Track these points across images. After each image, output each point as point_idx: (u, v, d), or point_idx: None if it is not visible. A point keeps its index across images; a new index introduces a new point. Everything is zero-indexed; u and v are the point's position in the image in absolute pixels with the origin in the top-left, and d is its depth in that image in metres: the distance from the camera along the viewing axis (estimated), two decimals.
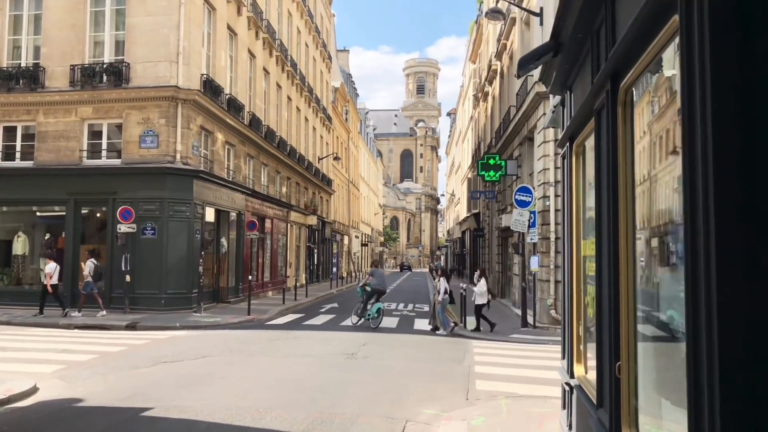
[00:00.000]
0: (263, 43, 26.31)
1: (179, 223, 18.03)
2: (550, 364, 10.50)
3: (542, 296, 16.75)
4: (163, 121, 18.02)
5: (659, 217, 3.43)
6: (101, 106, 18.28)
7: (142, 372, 9.48)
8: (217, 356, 11.04)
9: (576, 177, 6.12)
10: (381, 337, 13.76)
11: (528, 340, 14.43)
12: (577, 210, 6.10)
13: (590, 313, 5.54)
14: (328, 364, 10.37)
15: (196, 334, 14.12)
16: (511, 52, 23.03)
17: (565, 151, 6.45)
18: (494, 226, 27.72)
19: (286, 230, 30.68)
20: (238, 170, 23.15)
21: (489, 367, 10.22)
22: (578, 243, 6.08)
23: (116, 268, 17.58)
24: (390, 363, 10.57)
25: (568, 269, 6.21)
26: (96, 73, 18.27)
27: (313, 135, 38.70)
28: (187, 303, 17.97)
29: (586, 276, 5.97)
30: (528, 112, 18.31)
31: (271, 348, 11.97)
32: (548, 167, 16.35)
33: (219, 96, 20.48)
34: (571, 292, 6.18)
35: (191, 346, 12.15)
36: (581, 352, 5.95)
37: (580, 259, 6.07)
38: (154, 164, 17.83)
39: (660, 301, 3.58)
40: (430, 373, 9.76)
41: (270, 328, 15.65)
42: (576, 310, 6.07)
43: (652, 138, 3.53)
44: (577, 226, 6.10)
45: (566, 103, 6.52)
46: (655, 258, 3.57)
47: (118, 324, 15.76)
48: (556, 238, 16.12)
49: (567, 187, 6.23)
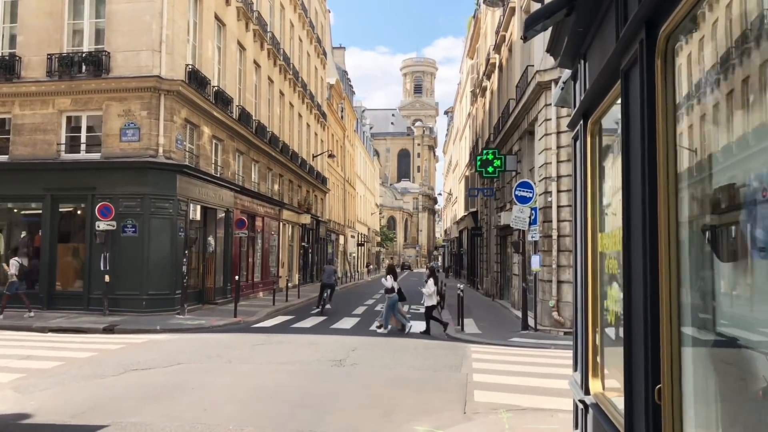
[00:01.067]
0: (254, 35, 25.42)
1: (162, 220, 17.13)
2: (554, 372, 9.66)
3: (544, 297, 15.90)
4: (145, 113, 17.12)
5: (725, 195, 2.58)
6: (80, 98, 17.37)
7: (107, 381, 8.60)
8: (193, 363, 10.16)
9: (591, 160, 5.27)
10: (373, 342, 12.89)
11: (529, 344, 13.58)
12: (592, 199, 5.24)
13: (610, 319, 4.68)
14: (312, 372, 9.50)
15: (176, 338, 13.24)
16: (510, 43, 22.19)
17: (577, 131, 5.60)
18: (493, 225, 26.89)
19: (278, 229, 29.78)
20: (227, 166, 22.26)
21: (488, 375, 9.36)
22: (594, 237, 5.22)
23: (95, 268, 16.68)
24: (381, 371, 9.71)
25: (581, 267, 5.35)
26: (74, 62, 17.36)
27: (307, 132, 37.81)
28: (170, 304, 17.07)
29: (603, 275, 5.12)
30: (528, 103, 17.47)
31: (254, 354, 11.09)
32: (550, 161, 15.50)
33: (205, 88, 19.58)
34: (585, 293, 5.32)
35: (167, 351, 11.28)
36: (598, 364, 5.10)
37: (596, 256, 5.21)
38: (135, 158, 16.93)
39: (721, 306, 2.74)
40: (424, 383, 8.90)
41: (256, 332, 14.78)
42: (591, 314, 5.21)
43: (714, 93, 2.68)
44: (592, 218, 5.24)
45: (579, 75, 5.65)
46: (715, 250, 2.72)
47: (95, 327, 14.90)
48: (558, 236, 15.28)
49: (581, 171, 5.37)
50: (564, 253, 15.20)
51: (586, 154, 5.32)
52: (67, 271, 17.73)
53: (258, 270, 26.35)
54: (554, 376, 9.27)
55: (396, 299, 15.26)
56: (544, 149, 15.87)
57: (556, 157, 15.40)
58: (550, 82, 15.48)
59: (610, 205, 4.88)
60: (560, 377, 9.22)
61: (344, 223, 54.54)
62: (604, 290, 5.04)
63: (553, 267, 15.29)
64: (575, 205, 5.81)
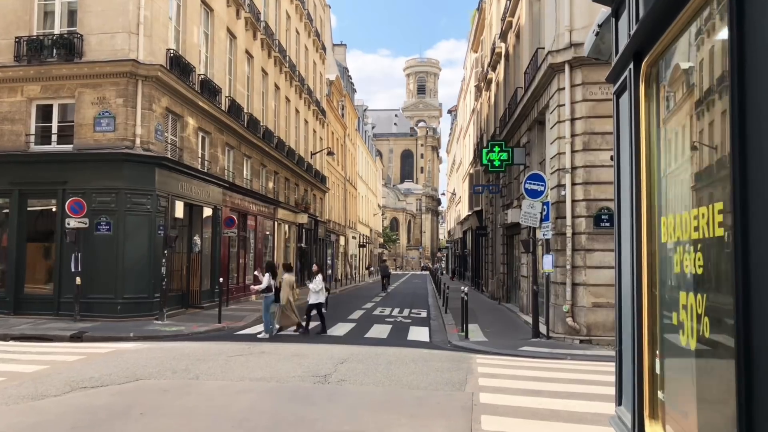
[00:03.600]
0: (245, 24, 24.03)
1: (138, 217, 15.73)
2: (577, 390, 8.20)
3: (556, 302, 14.42)
4: (121, 101, 15.73)
5: None
6: (50, 84, 16.00)
7: (42, 404, 7.18)
8: (153, 379, 8.74)
9: (647, 116, 3.81)
10: (366, 352, 11.44)
11: (542, 354, 12.11)
12: (649, 170, 3.79)
13: (683, 339, 3.25)
14: (290, 391, 8.05)
15: (146, 348, 11.81)
16: (517, 29, 20.74)
17: (623, 81, 4.14)
18: (499, 223, 25.40)
19: (272, 229, 28.36)
20: (215, 161, 20.85)
21: (498, 395, 7.90)
22: (650, 223, 3.76)
23: (66, 270, 15.29)
24: (371, 389, 8.26)
25: (633, 265, 3.89)
26: (45, 46, 15.99)
27: (305, 128, 36.41)
28: (148, 309, 15.66)
29: (668, 275, 3.66)
30: (539, 89, 16.00)
31: (227, 367, 9.66)
32: (564, 151, 14.03)
33: (189, 75, 18.19)
34: (637, 302, 3.86)
35: (129, 364, 9.85)
36: (659, 402, 3.64)
37: (653, 249, 3.75)
38: (109, 150, 15.54)
39: None
40: (421, 405, 7.45)
41: (238, 339, 13.36)
42: (648, 331, 3.74)
43: None
44: (648, 196, 3.78)
45: (627, 4, 4.18)
46: None
47: (62, 334, 13.55)
48: (573, 234, 13.80)
49: (632, 134, 3.91)
50: (579, 253, 13.73)
51: (638, 108, 3.85)
52: (37, 273, 16.35)
53: (251, 272, 24.89)
54: (578, 396, 7.81)
55: (272, 300, 13.93)
56: (557, 138, 14.40)
57: (570, 147, 13.92)
58: (563, 64, 14.03)
59: (679, 177, 3.42)
60: (586, 397, 7.76)
61: (345, 224, 53.10)
62: (668, 297, 3.59)
63: (567, 268, 13.81)
64: (618, 181, 4.35)
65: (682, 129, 3.32)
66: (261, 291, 14.20)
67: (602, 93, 13.75)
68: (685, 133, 3.25)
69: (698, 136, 3.03)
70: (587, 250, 13.66)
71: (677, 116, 3.45)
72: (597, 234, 13.60)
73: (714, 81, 3.00)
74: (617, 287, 4.37)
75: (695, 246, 2.92)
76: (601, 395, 7.90)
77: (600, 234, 13.58)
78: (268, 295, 13.89)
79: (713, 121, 2.96)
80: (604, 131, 13.68)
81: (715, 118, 3.21)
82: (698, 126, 3.03)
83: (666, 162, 3.62)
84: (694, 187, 3.11)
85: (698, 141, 3.10)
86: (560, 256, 14.11)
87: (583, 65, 13.83)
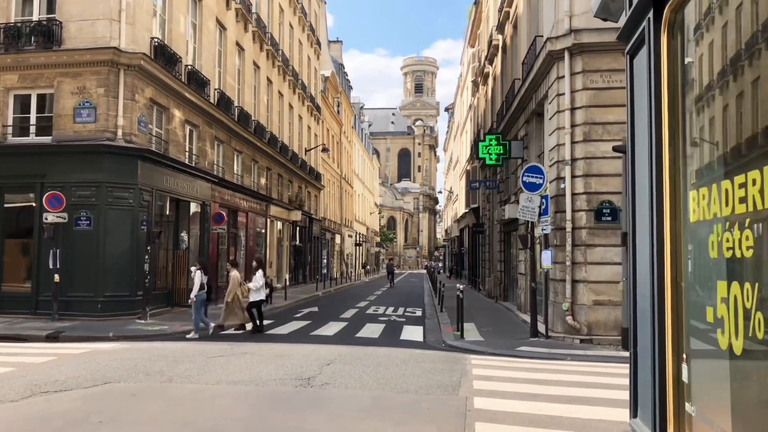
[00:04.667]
0: (236, 15, 23.38)
1: (120, 211, 15.08)
2: (580, 394, 7.59)
3: (556, 299, 13.82)
4: (102, 91, 15.08)
5: None
6: (29, 73, 15.35)
7: None
8: (123, 382, 8.10)
9: (670, 73, 3.19)
10: (354, 353, 10.81)
11: (541, 354, 11.51)
12: (671, 135, 3.17)
13: (722, 340, 2.65)
14: (268, 396, 7.43)
15: (123, 348, 11.18)
16: (515, 19, 20.13)
17: (639, 36, 3.53)
18: (496, 220, 24.81)
19: (264, 226, 27.71)
20: (203, 155, 20.20)
21: (494, 400, 7.28)
22: (674, 200, 3.15)
23: (44, 267, 14.64)
24: (356, 393, 7.63)
25: (653, 252, 3.27)
26: (22, 33, 15.34)
27: (300, 124, 35.76)
28: (130, 307, 15.03)
29: (699, 264, 3.05)
30: (537, 79, 15.39)
31: (204, 369, 9.03)
32: (563, 142, 13.42)
33: (175, 66, 17.54)
34: (658, 296, 3.24)
35: (101, 366, 9.22)
36: (687, 415, 3.03)
37: (678, 231, 3.14)
38: (90, 141, 14.90)
39: None
40: (411, 411, 6.83)
41: (221, 339, 12.73)
42: (672, 333, 3.13)
43: None
44: (672, 168, 3.17)
45: None
46: None
47: (38, 334, 12.95)
48: (573, 228, 13.19)
49: (654, 94, 3.28)
50: (579, 248, 13.12)
51: (659, 65, 3.24)
52: (15, 270, 15.69)
53: (241, 269, 24.20)
54: (580, 401, 7.20)
55: (204, 298, 13.24)
56: (556, 129, 13.79)
57: (570, 138, 13.32)
58: (563, 51, 13.42)
59: (715, 139, 2.81)
60: (589, 402, 7.15)
61: (341, 222, 52.47)
62: (700, 288, 2.97)
63: (567, 264, 13.21)
64: (632, 154, 3.73)
65: (722, 81, 2.70)
66: (198, 290, 13.19)
67: (603, 81, 13.15)
68: (728, 86, 2.63)
69: (750, 88, 2.41)
70: (588, 245, 13.05)
71: (714, 67, 2.82)
72: (598, 229, 13.00)
73: (762, 21, 2.38)
74: (631, 279, 3.75)
75: (741, 222, 2.30)
76: (605, 399, 7.30)
77: (601, 229, 12.98)
78: (200, 293, 13.13)
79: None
80: (606, 121, 13.08)
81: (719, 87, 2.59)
82: (750, 73, 2.41)
83: (698, 123, 3.00)
84: (737, 150, 2.49)
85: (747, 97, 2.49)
86: (559, 251, 13.52)
87: (584, 52, 13.23)
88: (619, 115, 13.04)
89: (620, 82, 13.10)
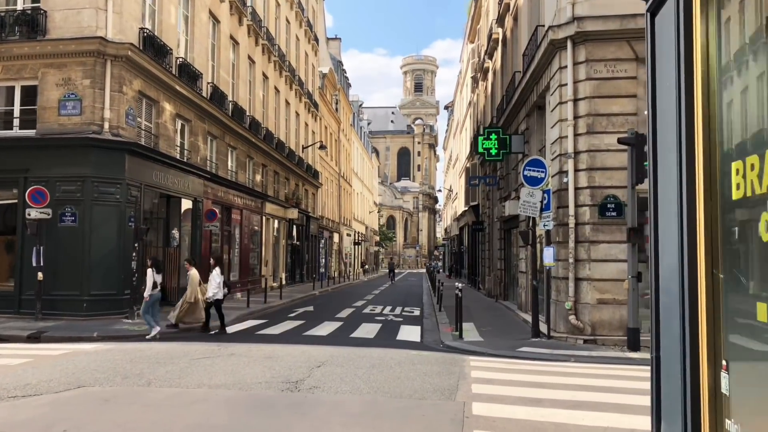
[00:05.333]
0: (230, 7, 22.87)
1: (107, 207, 14.57)
2: (585, 399, 7.08)
3: (558, 298, 13.31)
4: (88, 82, 14.57)
5: None
6: (12, 64, 14.82)
7: None
8: (98, 386, 7.60)
9: (703, 28, 2.68)
10: (347, 354, 10.30)
11: (542, 355, 11.00)
12: (705, 99, 2.66)
13: None
14: (251, 401, 6.91)
15: (106, 349, 10.67)
16: (515, 10, 19.63)
17: None
18: (496, 217, 24.30)
19: (260, 224, 27.19)
20: (195, 150, 19.68)
21: (493, 406, 6.77)
22: (708, 176, 2.64)
23: (27, 264, 14.12)
24: (346, 398, 7.12)
25: (682, 236, 2.75)
26: (6, 23, 14.80)
27: (297, 121, 35.24)
28: (117, 307, 14.53)
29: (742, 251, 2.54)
30: (538, 70, 14.88)
31: (187, 372, 8.51)
32: (566, 134, 12.91)
33: (165, 57, 17.02)
34: (690, 290, 2.72)
35: (80, 368, 8.72)
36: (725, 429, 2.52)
37: (714, 212, 2.62)
38: (75, 134, 14.38)
39: None
40: (404, 418, 6.32)
41: (210, 340, 12.23)
42: (706, 333, 2.61)
43: None
44: (705, 137, 2.65)
45: None
46: None
47: (19, 334, 12.43)
48: (576, 224, 12.68)
49: (685, 55, 2.76)
50: (583, 245, 12.61)
51: (690, 21, 2.72)
52: None
53: (235, 268, 23.75)
54: (586, 406, 6.70)
55: (159, 297, 12.66)
56: (558, 121, 13.28)
57: (572, 130, 12.80)
58: (565, 40, 12.90)
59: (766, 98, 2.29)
60: (595, 407, 6.64)
61: (339, 221, 51.94)
62: (745, 282, 2.46)
63: (570, 261, 12.69)
64: (652, 125, 3.21)
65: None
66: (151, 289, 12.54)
67: (608, 71, 12.64)
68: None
69: None
70: (592, 241, 12.53)
71: (762, 13, 2.31)
72: (602, 224, 12.48)
73: None
74: (653, 271, 3.23)
75: None
76: (613, 405, 6.79)
77: (606, 224, 12.46)
78: (154, 292, 12.55)
79: None
80: (610, 112, 12.57)
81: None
82: None
83: (742, 83, 2.47)
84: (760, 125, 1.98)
85: None
86: (562, 248, 13.00)
87: (587, 41, 12.71)
88: (624, 106, 12.54)
89: (625, 72, 12.60)
